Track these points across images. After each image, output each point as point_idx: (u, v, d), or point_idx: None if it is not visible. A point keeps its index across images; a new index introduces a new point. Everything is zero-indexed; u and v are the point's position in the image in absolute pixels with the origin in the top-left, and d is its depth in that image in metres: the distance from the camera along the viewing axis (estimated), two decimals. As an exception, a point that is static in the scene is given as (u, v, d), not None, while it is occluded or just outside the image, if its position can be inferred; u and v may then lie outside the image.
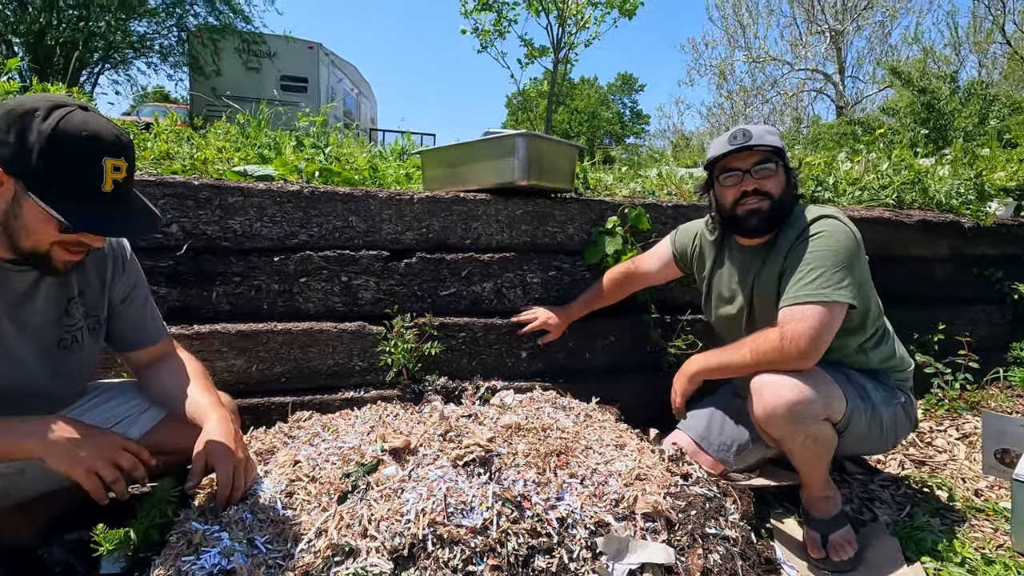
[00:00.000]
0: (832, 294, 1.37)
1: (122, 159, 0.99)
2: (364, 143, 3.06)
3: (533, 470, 1.35)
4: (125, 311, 1.26)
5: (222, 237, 1.68)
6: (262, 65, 11.04)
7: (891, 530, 1.54)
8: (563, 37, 7.35)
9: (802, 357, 1.37)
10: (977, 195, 2.79)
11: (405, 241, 1.87)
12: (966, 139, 6.60)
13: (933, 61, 14.22)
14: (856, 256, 1.44)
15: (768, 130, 1.52)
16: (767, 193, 1.50)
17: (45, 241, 0.99)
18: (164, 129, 2.16)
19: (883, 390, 1.51)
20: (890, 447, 1.60)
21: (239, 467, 1.14)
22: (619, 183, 2.50)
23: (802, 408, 1.35)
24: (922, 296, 2.65)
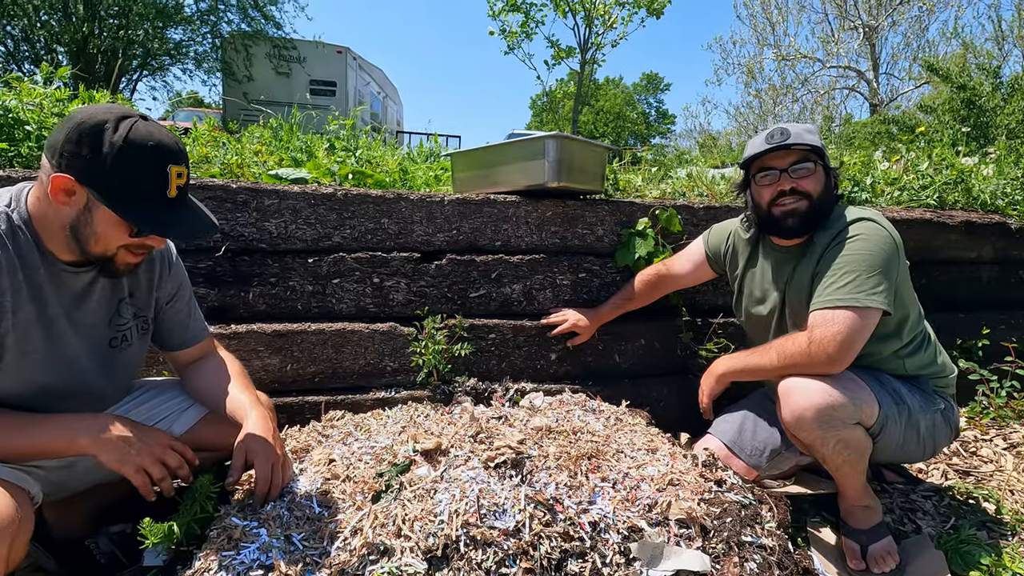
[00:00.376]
0: (865, 299, 1.33)
1: (183, 166, 1.05)
2: (393, 146, 3.09)
3: (564, 473, 1.35)
4: (171, 311, 1.30)
5: (258, 239, 1.72)
6: (292, 70, 11.27)
7: (935, 542, 1.49)
8: (590, 37, 7.31)
9: (830, 362, 1.34)
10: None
11: (436, 243, 1.88)
12: (1009, 136, 6.35)
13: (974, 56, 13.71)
14: (894, 261, 1.39)
15: (808, 128, 1.48)
16: (805, 193, 1.46)
17: (113, 245, 1.05)
18: (202, 133, 2.22)
19: (920, 396, 1.47)
20: (929, 456, 1.54)
21: (277, 464, 1.16)
22: (649, 184, 2.48)
23: (832, 412, 1.32)
24: (965, 300, 2.56)
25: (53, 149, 0.98)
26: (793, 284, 1.53)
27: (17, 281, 1.01)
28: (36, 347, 1.06)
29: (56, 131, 0.99)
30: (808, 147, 1.44)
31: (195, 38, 11.77)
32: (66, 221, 1.01)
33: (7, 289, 0.99)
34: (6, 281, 0.98)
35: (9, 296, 0.99)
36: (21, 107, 1.71)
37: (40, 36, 9.99)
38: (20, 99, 1.72)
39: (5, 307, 0.99)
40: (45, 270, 1.05)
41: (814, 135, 1.47)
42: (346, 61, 11.27)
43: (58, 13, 9.77)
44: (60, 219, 1.01)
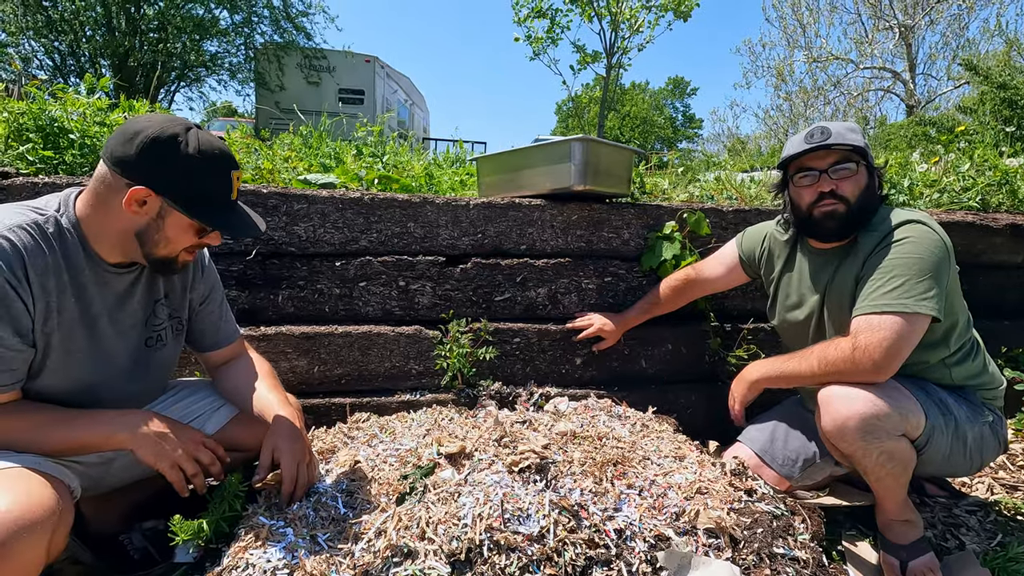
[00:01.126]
0: (914, 305, 1.27)
1: (239, 170, 1.13)
2: (420, 151, 3.12)
3: (590, 479, 1.33)
4: (204, 312, 1.33)
5: (288, 243, 1.75)
6: (322, 79, 11.53)
7: (981, 560, 1.42)
8: (616, 42, 7.28)
9: (876, 370, 1.28)
10: (1075, 197, 2.55)
11: (461, 247, 1.89)
12: (1058, 137, 6.08)
13: (1019, 53, 13.19)
14: (944, 266, 1.33)
15: (850, 127, 1.43)
16: (843, 196, 1.40)
17: (180, 248, 1.11)
18: (235, 141, 2.28)
19: (967, 407, 1.40)
20: (975, 470, 1.47)
21: (303, 463, 1.18)
22: (676, 188, 2.44)
23: (876, 422, 1.26)
24: (1012, 306, 2.45)
25: (123, 163, 1.01)
26: (834, 288, 1.48)
27: (63, 282, 1.04)
28: (80, 346, 1.10)
29: (117, 143, 1.02)
30: (850, 147, 1.39)
31: (230, 50, 12.15)
32: (133, 228, 1.06)
33: (52, 289, 1.02)
34: (52, 282, 1.02)
35: (55, 296, 1.03)
36: (65, 116, 1.78)
37: (85, 51, 10.44)
38: (64, 109, 1.79)
39: (51, 307, 1.03)
40: (90, 271, 1.09)
41: (856, 134, 1.41)
42: (374, 70, 11.47)
43: (102, 28, 10.20)
44: (124, 225, 1.06)
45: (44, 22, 9.88)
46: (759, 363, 1.55)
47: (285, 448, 1.16)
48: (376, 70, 11.58)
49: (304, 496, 1.22)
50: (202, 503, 1.22)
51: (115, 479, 1.27)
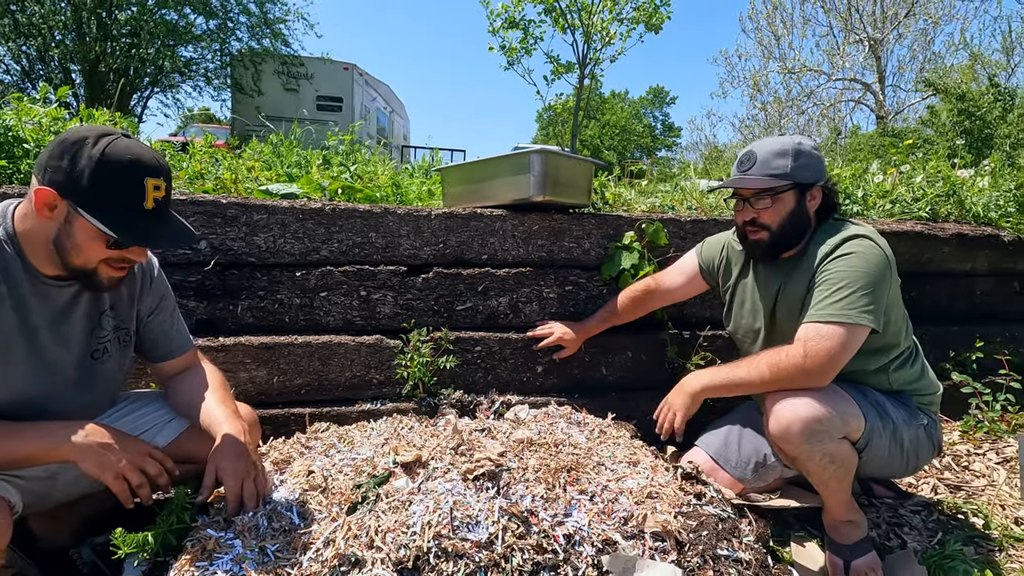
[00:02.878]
0: (857, 316, 1.34)
1: (161, 179, 1.09)
2: (386, 160, 3.13)
3: (542, 485, 1.35)
4: (153, 323, 1.33)
5: (247, 253, 1.75)
6: (300, 86, 11.46)
7: (920, 558, 1.47)
8: (589, 53, 7.40)
9: (821, 375, 1.35)
10: (1017, 207, 2.67)
11: (423, 256, 1.91)
12: (1012, 148, 6.33)
13: (982, 67, 13.68)
14: (886, 279, 1.40)
15: (779, 151, 1.47)
16: (764, 225, 1.49)
17: (94, 259, 1.08)
18: (199, 150, 2.27)
19: (904, 410, 1.46)
20: (911, 471, 1.54)
21: (248, 480, 1.18)
22: (639, 198, 2.50)
23: (818, 426, 1.32)
24: (959, 313, 2.55)
25: (39, 165, 1.03)
26: (784, 297, 1.54)
27: (1, 293, 1.04)
28: (19, 357, 1.09)
29: (44, 149, 1.04)
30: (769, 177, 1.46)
31: (205, 55, 12.02)
32: (50, 234, 1.05)
33: None
34: None
35: None
36: (20, 125, 1.76)
37: (54, 55, 10.24)
38: (19, 117, 1.78)
39: None
40: (28, 283, 1.08)
41: (784, 159, 1.46)
42: (352, 77, 11.45)
43: (72, 33, 10.02)
44: (44, 233, 1.05)
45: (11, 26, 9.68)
46: (701, 373, 1.58)
47: (228, 467, 1.16)
48: (355, 77, 11.56)
49: (257, 509, 1.22)
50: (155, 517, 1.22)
51: (62, 494, 1.26)
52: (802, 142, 1.50)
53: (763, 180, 1.46)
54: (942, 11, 16.51)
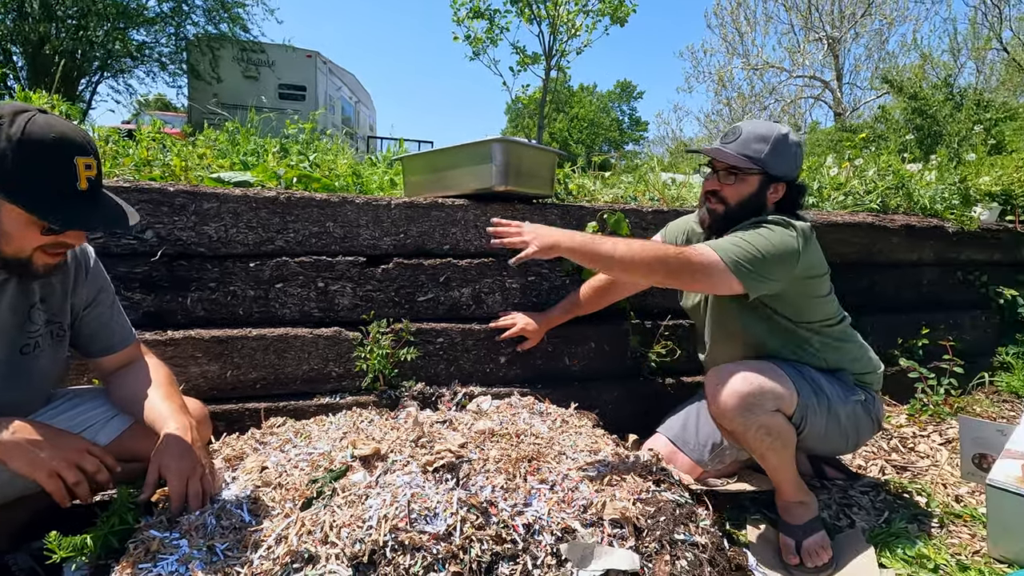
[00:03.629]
0: (737, 268, 1.37)
1: (91, 157, 1.02)
2: (346, 148, 3.05)
3: (502, 476, 1.35)
4: (90, 317, 1.26)
5: (197, 243, 1.68)
6: (261, 73, 11.11)
7: (867, 536, 1.53)
8: (555, 45, 7.38)
9: (677, 272, 1.37)
10: (962, 200, 2.79)
11: (383, 247, 1.87)
12: (960, 144, 6.62)
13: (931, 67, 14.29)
14: (783, 262, 1.42)
15: (762, 135, 1.51)
16: (724, 199, 1.54)
17: (28, 247, 1.02)
18: (146, 136, 2.17)
19: (840, 387, 1.52)
20: (853, 448, 1.61)
21: (193, 478, 1.14)
22: (603, 189, 2.51)
23: (751, 399, 1.37)
24: (907, 301, 2.65)
25: None
26: None
27: None
28: None
29: None
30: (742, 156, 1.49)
31: (159, 39, 11.52)
32: None
33: None
34: None
35: None
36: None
37: (-7, 36, 9.67)
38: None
39: None
40: None
41: (763, 144, 1.49)
42: (316, 65, 11.16)
43: (12, 13, 9.45)
44: None
45: (-56, 4, 9.09)
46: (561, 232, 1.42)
47: (172, 465, 1.11)
48: (318, 65, 11.27)
49: (206, 506, 1.18)
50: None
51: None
52: (788, 134, 1.54)
53: (736, 157, 1.50)
54: (896, 12, 17.12)
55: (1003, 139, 5.68)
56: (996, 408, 2.45)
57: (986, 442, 1.67)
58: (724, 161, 1.52)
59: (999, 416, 2.38)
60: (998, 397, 2.57)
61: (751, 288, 1.41)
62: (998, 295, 2.77)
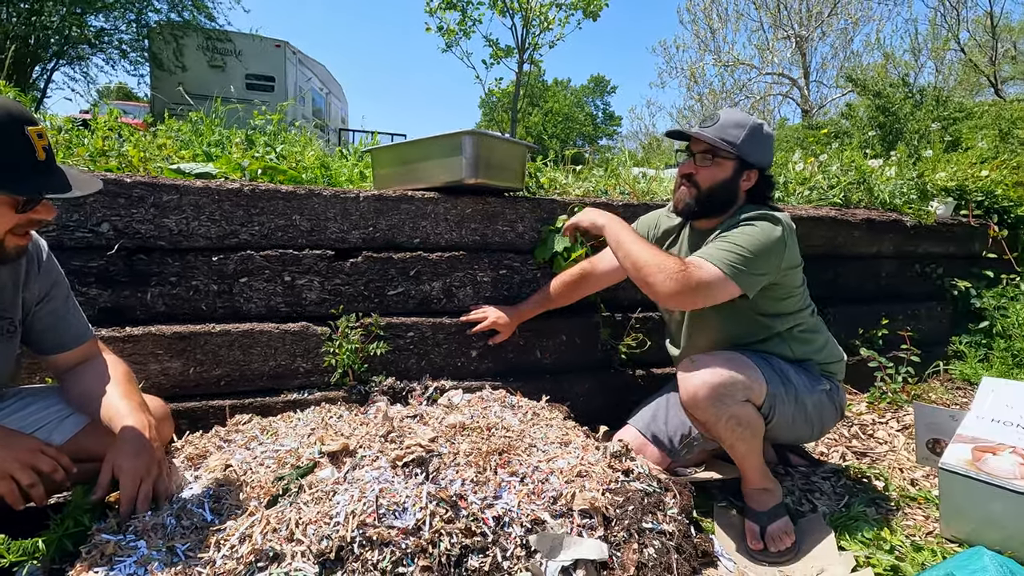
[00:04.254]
0: (735, 274, 1.41)
1: (40, 126, 0.99)
2: (314, 140, 2.99)
3: (472, 469, 1.34)
4: (43, 312, 1.21)
5: (157, 236, 1.63)
6: (227, 63, 10.79)
7: (828, 520, 1.57)
8: (528, 38, 7.36)
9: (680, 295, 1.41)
10: (919, 195, 2.88)
11: (351, 240, 1.84)
12: (919, 141, 6.85)
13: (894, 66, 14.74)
14: (773, 255, 1.46)
15: (739, 122, 1.54)
16: (696, 183, 1.56)
17: (1, 229, 0.98)
18: (101, 125, 2.09)
19: (806, 377, 1.56)
20: (818, 435, 1.65)
21: (147, 479, 1.11)
22: (574, 182, 2.51)
23: (722, 389, 1.40)
24: (867, 293, 2.73)
25: None
26: None
27: None
28: None
29: None
30: (718, 140, 1.51)
31: (119, 26, 11.09)
32: None
33: None
34: None
35: None
36: None
37: (-63, 19, 9.17)
38: None
39: None
40: None
41: (740, 129, 1.53)
42: (285, 55, 10.89)
43: (-41, -5, 8.99)
44: None
45: None
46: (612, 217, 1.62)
47: (126, 466, 1.08)
48: (287, 55, 11.00)
49: (154, 509, 1.14)
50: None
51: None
52: (763, 125, 1.58)
53: (714, 139, 1.53)
54: (861, 12, 17.57)
55: (959, 136, 5.90)
56: (950, 395, 2.56)
57: (939, 428, 1.73)
58: (704, 141, 1.53)
59: (953, 403, 2.48)
60: (952, 384, 2.67)
61: (749, 289, 1.44)
62: (952, 287, 2.88)
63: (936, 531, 1.55)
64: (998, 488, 1.37)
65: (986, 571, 1.03)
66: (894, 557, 1.40)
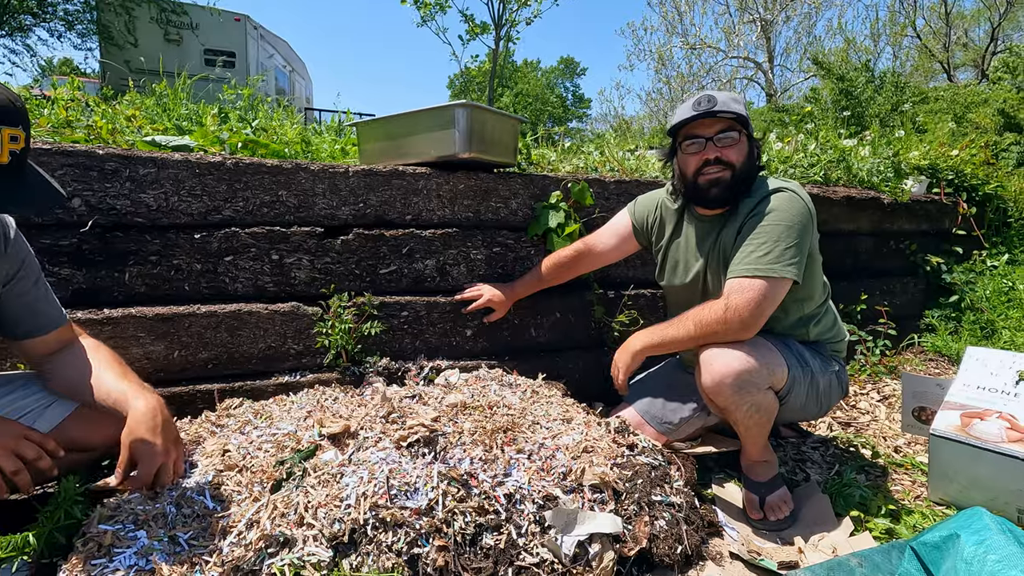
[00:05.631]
0: (781, 270, 1.38)
1: (18, 128, 0.91)
2: (292, 114, 2.86)
3: (480, 448, 1.32)
4: (12, 295, 1.12)
5: (134, 212, 1.53)
6: (184, 38, 10.27)
7: (822, 488, 1.61)
8: (504, 14, 7.22)
9: (743, 328, 1.39)
10: (895, 173, 2.96)
11: (341, 217, 1.77)
12: (882, 124, 7.04)
13: (855, 51, 15.09)
14: (807, 231, 1.45)
15: (734, 97, 1.48)
16: (728, 163, 1.47)
17: None
18: (64, 96, 1.94)
19: (820, 359, 1.57)
20: (823, 414, 1.66)
21: (166, 464, 1.06)
22: (562, 160, 2.48)
23: (748, 377, 1.38)
24: (847, 268, 2.80)
25: None
26: (716, 252, 1.56)
27: None
28: None
29: None
30: (734, 115, 1.44)
31: (64, -5, 10.40)
32: None
33: None
34: None
35: None
36: None
37: None
38: None
39: None
40: None
41: (740, 104, 1.47)
42: (246, 30, 10.43)
43: None
44: None
45: None
46: (640, 334, 1.59)
47: (143, 449, 1.04)
48: (248, 30, 10.53)
49: (163, 492, 1.09)
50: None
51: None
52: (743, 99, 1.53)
53: (740, 111, 1.45)
54: (823, -4, 17.85)
55: (922, 120, 6.08)
56: (924, 366, 2.66)
57: (925, 396, 1.79)
58: (733, 112, 1.43)
59: (927, 373, 2.58)
60: (924, 356, 2.78)
61: (799, 274, 1.40)
62: (925, 262, 2.98)
63: (924, 495, 1.61)
64: (986, 451, 1.43)
65: (988, 529, 1.07)
66: (889, 520, 1.44)
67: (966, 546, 1.06)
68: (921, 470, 1.72)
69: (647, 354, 1.58)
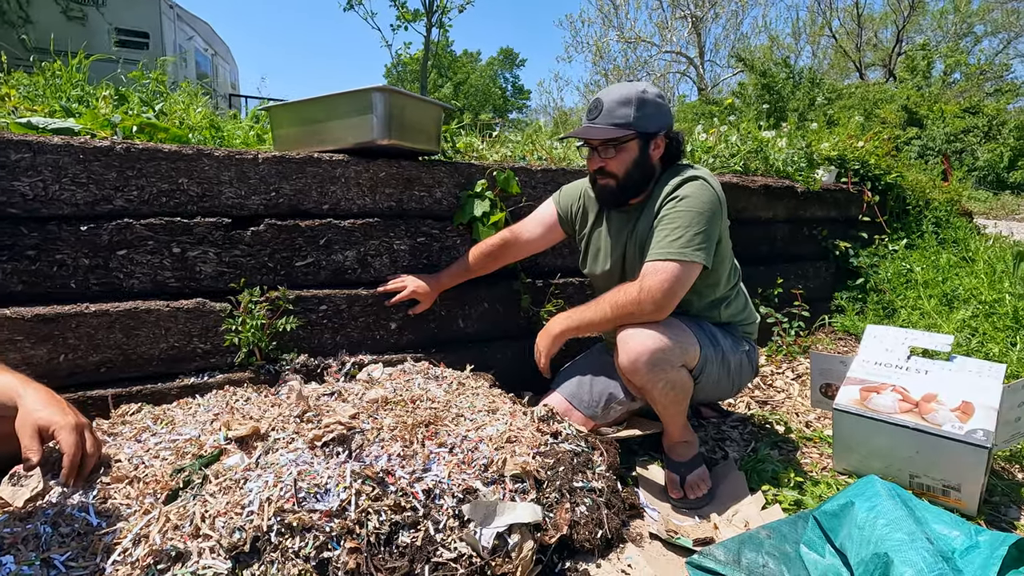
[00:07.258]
0: (691, 254, 1.44)
1: None
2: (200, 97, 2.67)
3: (399, 443, 1.28)
4: None
5: (6, 203, 1.38)
6: (88, 15, 9.43)
7: (739, 465, 1.68)
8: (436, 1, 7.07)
9: (657, 309, 1.44)
10: (807, 163, 3.12)
11: (251, 207, 1.67)
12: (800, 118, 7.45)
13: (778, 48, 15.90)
14: (716, 218, 1.50)
15: (624, 100, 1.49)
16: (612, 173, 1.55)
17: None
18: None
19: (731, 339, 1.64)
20: (735, 392, 1.75)
21: (86, 428, 1.00)
22: (491, 147, 2.45)
23: (662, 355, 1.42)
24: (764, 254, 2.94)
25: None
26: (634, 239, 1.61)
27: None
28: None
29: None
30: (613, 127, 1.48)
31: (-57, -36, 9.29)
32: None
33: None
34: None
35: None
36: None
37: None
38: None
39: None
40: None
41: (628, 107, 1.48)
42: (160, 9, 9.70)
43: None
44: None
45: None
46: (560, 316, 1.63)
47: (56, 418, 0.95)
48: (163, 9, 9.79)
49: None
50: None
51: None
52: (647, 90, 1.52)
53: (607, 130, 1.49)
54: (749, -5, 18.66)
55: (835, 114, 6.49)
56: (834, 345, 2.83)
57: (831, 373, 1.90)
58: (597, 138, 1.51)
59: (836, 352, 2.75)
60: (835, 336, 2.96)
61: (708, 259, 1.46)
62: (835, 247, 3.17)
63: (830, 466, 1.71)
64: (881, 422, 1.53)
65: (879, 496, 1.14)
66: (797, 492, 1.52)
67: (859, 512, 1.12)
68: (828, 443, 1.82)
69: (567, 337, 1.62)
